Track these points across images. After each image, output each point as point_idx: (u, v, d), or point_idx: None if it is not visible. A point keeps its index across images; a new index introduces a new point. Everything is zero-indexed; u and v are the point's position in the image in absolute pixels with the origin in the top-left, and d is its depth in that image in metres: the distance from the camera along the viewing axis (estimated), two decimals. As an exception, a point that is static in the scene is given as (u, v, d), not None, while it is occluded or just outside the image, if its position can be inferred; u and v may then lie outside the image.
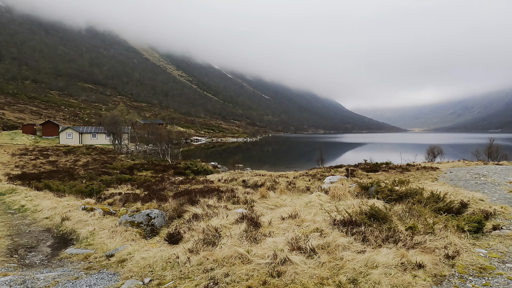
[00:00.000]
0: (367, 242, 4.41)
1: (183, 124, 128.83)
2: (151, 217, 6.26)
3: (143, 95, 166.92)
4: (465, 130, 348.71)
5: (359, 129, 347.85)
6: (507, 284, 3.39)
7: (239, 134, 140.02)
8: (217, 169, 26.40)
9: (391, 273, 3.54)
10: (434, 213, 6.00)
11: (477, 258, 4.07)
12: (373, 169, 16.27)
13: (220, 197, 8.75)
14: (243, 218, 5.50)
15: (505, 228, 5.45)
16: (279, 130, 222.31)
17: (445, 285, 3.41)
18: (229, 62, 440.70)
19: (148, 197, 10.15)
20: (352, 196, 8.36)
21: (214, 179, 16.09)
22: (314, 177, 15.07)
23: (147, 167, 22.94)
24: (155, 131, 50.31)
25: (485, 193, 8.90)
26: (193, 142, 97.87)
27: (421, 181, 11.84)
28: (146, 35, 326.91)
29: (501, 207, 6.89)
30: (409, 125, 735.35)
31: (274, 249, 4.18)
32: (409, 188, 8.29)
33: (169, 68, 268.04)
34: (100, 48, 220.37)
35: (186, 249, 4.48)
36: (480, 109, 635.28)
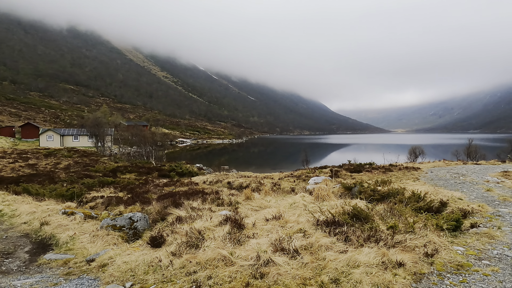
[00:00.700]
0: (349, 242, 4.47)
1: (168, 125, 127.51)
2: (133, 220, 6.16)
3: (127, 97, 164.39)
4: (446, 131, 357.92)
5: (344, 130, 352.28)
6: (482, 280, 3.49)
7: (224, 135, 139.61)
8: (202, 171, 26.23)
9: (372, 272, 3.59)
10: (415, 212, 6.13)
11: (455, 256, 4.17)
12: (357, 170, 16.49)
13: (204, 199, 8.69)
14: (227, 220, 5.48)
15: (482, 226, 5.61)
16: (265, 131, 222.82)
17: (424, 283, 3.48)
18: (215, 63, 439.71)
19: (131, 200, 9.98)
20: (335, 197, 8.45)
21: (199, 181, 15.98)
22: (299, 178, 15.16)
23: (130, 170, 22.60)
24: (139, 133, 49.66)
25: (463, 192, 9.15)
26: (178, 144, 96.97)
27: (403, 181, 12.08)
28: (129, 36, 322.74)
29: (479, 205, 7.10)
30: (392, 126, 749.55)
31: (258, 250, 4.18)
32: (391, 188, 8.44)
33: (154, 69, 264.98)
34: (82, 49, 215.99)
35: (169, 252, 4.43)
36: (460, 110, 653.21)
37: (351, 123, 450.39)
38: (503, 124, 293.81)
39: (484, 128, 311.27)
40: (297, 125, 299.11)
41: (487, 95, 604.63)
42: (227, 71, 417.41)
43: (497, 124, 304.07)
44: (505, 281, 3.46)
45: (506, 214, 6.39)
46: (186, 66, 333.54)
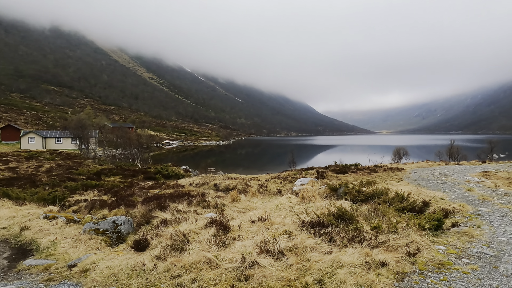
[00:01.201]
0: (334, 242, 4.51)
1: (154, 127, 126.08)
2: (117, 224, 6.06)
3: (112, 98, 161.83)
4: (429, 132, 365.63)
5: (330, 131, 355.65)
6: (462, 279, 3.58)
7: (211, 137, 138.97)
8: (189, 173, 26.03)
9: (356, 272, 3.63)
10: (398, 212, 6.23)
11: (436, 255, 4.26)
12: (343, 171, 16.66)
13: (190, 202, 8.62)
14: (213, 223, 5.45)
15: (462, 225, 5.75)
16: (252, 133, 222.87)
17: (406, 282, 3.54)
18: (201, 64, 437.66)
19: (116, 203, 9.82)
20: (321, 198, 8.51)
21: (185, 184, 15.85)
22: (285, 179, 15.21)
23: (115, 172, 22.23)
24: (125, 135, 48.95)
25: (445, 192, 9.35)
26: (165, 146, 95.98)
27: (387, 182, 12.27)
28: (114, 36, 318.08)
29: (460, 205, 7.27)
30: (377, 127, 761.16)
31: (243, 252, 4.18)
32: (375, 189, 8.56)
33: (139, 70, 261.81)
34: (65, 49, 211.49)
35: (153, 256, 4.38)
36: (442, 112, 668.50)
37: (337, 125, 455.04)
38: (483, 125, 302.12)
39: (465, 129, 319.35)
40: (284, 127, 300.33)
41: (468, 97, 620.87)
42: (214, 72, 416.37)
43: (478, 125, 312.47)
44: (483, 279, 3.56)
45: (485, 213, 6.57)
46: (172, 68, 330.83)
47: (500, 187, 10.27)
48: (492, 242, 4.81)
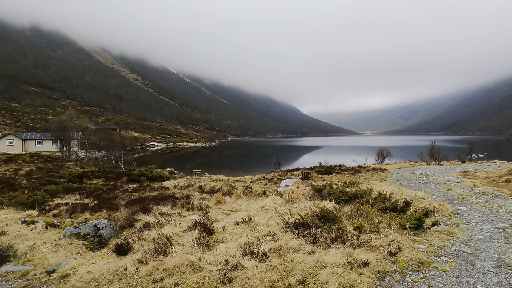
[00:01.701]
0: (317, 243, 4.54)
1: (139, 129, 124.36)
2: (98, 228, 5.94)
3: (95, 99, 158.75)
4: (412, 133, 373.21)
5: (316, 132, 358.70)
6: (441, 276, 3.66)
7: (197, 139, 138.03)
8: (174, 175, 25.78)
9: (338, 272, 3.67)
10: (381, 212, 6.33)
11: (417, 253, 4.35)
12: (327, 172, 16.82)
13: (174, 204, 8.54)
14: (196, 225, 5.41)
15: (442, 224, 5.89)
16: (238, 134, 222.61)
17: (387, 280, 3.60)
18: (186, 65, 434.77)
19: (98, 207, 9.63)
20: (306, 199, 8.57)
21: (170, 186, 15.70)
22: (271, 180, 15.25)
23: (98, 175, 21.80)
24: (108, 136, 48.08)
25: (426, 191, 9.57)
26: (149, 148, 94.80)
27: (371, 182, 12.46)
28: (97, 36, 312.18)
29: (440, 204, 7.45)
30: (362, 128, 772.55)
31: (226, 255, 4.16)
32: (359, 189, 8.67)
33: (123, 71, 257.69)
34: (46, 49, 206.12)
35: (135, 260, 4.31)
36: (424, 113, 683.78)
37: (322, 126, 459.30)
38: (463, 126, 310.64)
39: (446, 130, 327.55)
40: (270, 128, 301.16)
41: (449, 99, 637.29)
42: (199, 73, 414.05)
43: (458, 126, 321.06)
44: (461, 276, 3.65)
45: (464, 212, 6.75)
46: (157, 68, 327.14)
47: (478, 186, 10.57)
48: (470, 240, 4.95)
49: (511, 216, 6.30)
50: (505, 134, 69.99)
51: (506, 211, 6.73)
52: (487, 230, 5.44)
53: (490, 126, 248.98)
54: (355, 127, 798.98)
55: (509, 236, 5.07)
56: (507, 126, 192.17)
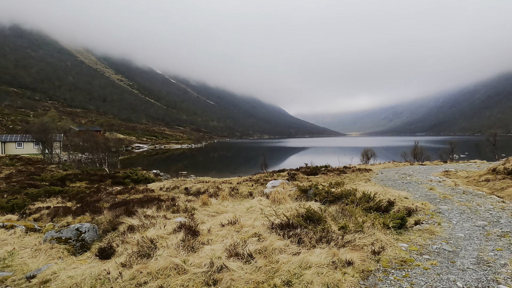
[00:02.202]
0: (302, 243, 4.57)
1: (123, 130, 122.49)
2: (81, 231, 5.82)
3: (78, 100, 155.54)
4: (396, 134, 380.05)
5: (302, 133, 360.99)
6: (423, 274, 3.74)
7: (183, 140, 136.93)
8: (159, 177, 25.49)
9: (323, 272, 3.70)
10: (365, 212, 6.41)
11: (400, 252, 4.43)
12: (313, 172, 16.95)
13: (159, 206, 8.44)
14: (181, 227, 5.37)
15: (424, 222, 6.01)
16: (225, 135, 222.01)
17: (371, 279, 3.65)
18: (172, 66, 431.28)
19: (81, 210, 9.43)
20: (292, 200, 8.61)
21: (155, 188, 15.51)
22: (257, 182, 15.26)
23: (81, 178, 21.35)
24: (91, 138, 47.20)
25: (409, 191, 9.75)
26: (135, 150, 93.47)
27: (356, 182, 12.62)
28: (80, 36, 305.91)
29: (422, 203, 7.60)
30: (347, 129, 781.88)
31: (212, 257, 4.14)
32: (344, 190, 8.77)
33: (107, 72, 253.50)
34: (27, 49, 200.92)
35: (118, 264, 4.24)
36: (408, 114, 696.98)
37: (309, 127, 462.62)
38: (445, 127, 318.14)
39: (429, 130, 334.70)
40: (257, 129, 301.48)
41: (431, 101, 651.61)
42: (185, 74, 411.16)
43: (440, 127, 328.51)
44: (442, 273, 3.73)
45: (445, 211, 6.91)
46: (142, 69, 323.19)
47: (459, 185, 10.85)
48: (451, 238, 5.07)
49: (490, 214, 6.49)
50: (485, 135, 72.10)
51: (485, 209, 6.92)
52: (467, 228, 5.59)
53: (470, 127, 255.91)
54: (341, 128, 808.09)
55: (487, 233, 5.22)
56: (486, 127, 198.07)
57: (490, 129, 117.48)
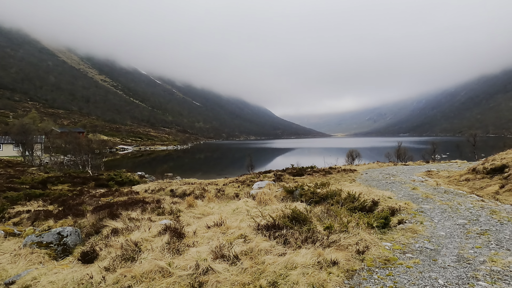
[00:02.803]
0: (288, 244, 4.59)
1: (107, 132, 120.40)
2: (62, 235, 5.68)
3: (60, 101, 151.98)
4: (380, 134, 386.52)
5: (288, 135, 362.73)
6: (405, 272, 3.81)
7: (169, 141, 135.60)
8: (145, 179, 25.17)
9: (308, 272, 3.72)
10: (350, 212, 6.49)
11: (383, 251, 4.50)
12: (299, 173, 17.05)
13: (144, 209, 8.32)
14: (167, 230, 5.31)
15: (407, 222, 6.13)
16: (211, 137, 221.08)
17: (355, 279, 3.70)
18: (157, 67, 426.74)
19: (63, 214, 9.22)
20: (278, 200, 8.63)
21: (140, 190, 15.31)
22: (243, 183, 15.25)
23: (63, 180, 20.86)
24: (74, 140, 46.25)
25: (393, 191, 9.93)
26: (119, 151, 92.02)
27: (341, 183, 12.76)
28: (62, 36, 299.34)
29: (405, 203, 7.75)
30: (333, 130, 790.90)
31: (197, 259, 4.11)
32: (329, 190, 8.85)
33: (91, 72, 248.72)
34: (6, 48, 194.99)
35: (101, 268, 4.16)
36: (391, 116, 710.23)
37: (295, 128, 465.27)
38: (427, 128, 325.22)
39: (412, 131, 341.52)
40: (243, 130, 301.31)
41: (414, 102, 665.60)
42: (170, 75, 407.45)
43: (422, 128, 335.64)
44: (424, 271, 3.81)
45: (427, 210, 7.06)
46: (126, 70, 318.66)
47: (441, 185, 11.11)
48: (433, 236, 5.18)
49: (470, 213, 6.67)
50: (465, 135, 74.14)
51: (465, 208, 7.11)
52: (448, 226, 5.73)
53: (451, 128, 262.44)
54: (327, 129, 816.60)
55: (468, 232, 5.36)
56: (466, 128, 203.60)
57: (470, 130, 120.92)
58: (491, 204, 7.58)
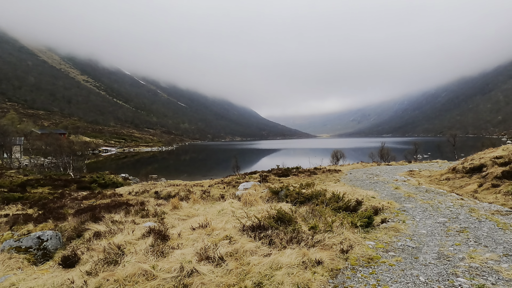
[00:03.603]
0: (273, 245, 4.60)
1: (90, 133, 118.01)
2: (42, 239, 5.53)
3: (40, 102, 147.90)
4: (364, 135, 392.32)
5: (274, 135, 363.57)
6: (388, 270, 3.88)
7: (153, 143, 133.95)
8: (128, 181, 24.76)
9: (293, 272, 3.74)
10: (334, 212, 6.57)
11: (367, 250, 4.57)
12: (285, 174, 17.13)
13: (128, 211, 8.20)
14: (151, 232, 5.24)
15: (390, 220, 6.25)
16: (196, 138, 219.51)
17: (339, 278, 3.74)
18: (141, 67, 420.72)
19: (43, 217, 8.97)
20: (263, 201, 8.65)
21: (124, 192, 15.06)
22: (229, 184, 15.21)
23: (44, 183, 20.29)
24: (55, 142, 45.12)
25: (376, 191, 10.10)
26: (102, 153, 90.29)
27: (326, 183, 12.88)
28: (42, 35, 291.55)
29: (388, 202, 7.89)
30: (318, 131, 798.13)
31: (182, 261, 4.07)
32: (314, 190, 8.94)
33: (72, 72, 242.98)
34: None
35: (83, 272, 4.07)
36: (375, 117, 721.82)
37: (280, 129, 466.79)
38: (409, 128, 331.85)
39: (395, 132, 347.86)
40: (229, 131, 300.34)
41: (397, 103, 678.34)
42: (155, 76, 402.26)
43: (405, 129, 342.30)
44: (406, 269, 3.89)
45: (409, 209, 7.21)
46: (109, 70, 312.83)
47: (422, 184, 11.36)
48: (414, 235, 5.30)
49: (450, 211, 6.84)
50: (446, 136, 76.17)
51: (445, 206, 7.30)
52: (429, 225, 5.86)
53: (433, 128, 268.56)
54: (312, 130, 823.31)
55: (448, 229, 5.50)
56: (447, 128, 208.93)
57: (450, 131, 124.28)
58: (470, 202, 7.81)
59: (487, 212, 6.64)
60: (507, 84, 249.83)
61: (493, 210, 6.78)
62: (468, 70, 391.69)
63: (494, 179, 9.99)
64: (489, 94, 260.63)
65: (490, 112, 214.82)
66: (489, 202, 8.18)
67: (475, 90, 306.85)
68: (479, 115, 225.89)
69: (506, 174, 9.83)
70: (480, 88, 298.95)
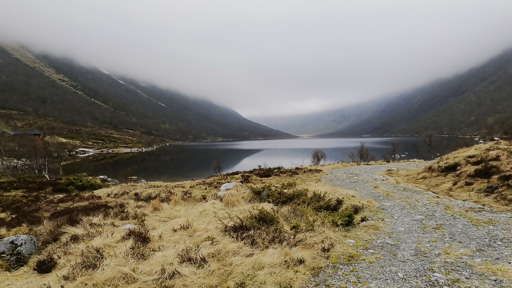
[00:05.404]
0: (255, 245, 4.61)
1: (66, 134, 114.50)
2: (16, 244, 5.32)
3: (13, 102, 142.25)
4: (344, 135, 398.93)
5: (256, 136, 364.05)
6: (368, 268, 3.96)
7: (133, 144, 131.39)
8: (107, 183, 24.19)
9: (276, 271, 3.76)
10: (316, 211, 6.64)
11: (347, 248, 4.65)
12: (267, 174, 17.19)
13: (107, 214, 8.00)
14: (131, 234, 5.14)
15: (369, 219, 6.38)
16: (177, 138, 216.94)
17: (321, 276, 3.79)
18: (120, 66, 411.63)
19: (16, 221, 8.64)
20: (245, 202, 8.64)
21: (102, 194, 14.71)
22: (210, 185, 15.11)
23: (17, 186, 19.55)
24: (29, 143, 43.54)
25: (356, 190, 10.29)
26: (79, 154, 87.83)
27: (307, 183, 13.02)
28: (14, 32, 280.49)
29: (368, 201, 8.05)
30: (299, 131, 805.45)
31: (163, 263, 4.01)
32: (296, 190, 9.00)
33: (47, 71, 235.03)
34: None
35: (60, 277, 3.95)
36: (354, 117, 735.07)
37: (262, 130, 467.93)
38: (388, 129, 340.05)
39: (374, 132, 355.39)
40: (210, 132, 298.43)
41: (375, 104, 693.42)
42: (134, 75, 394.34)
43: (383, 129, 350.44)
44: (385, 266, 3.99)
45: (388, 207, 7.39)
46: (86, 69, 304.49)
47: (400, 183, 11.67)
48: (393, 232, 5.43)
49: (426, 209, 7.06)
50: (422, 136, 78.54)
51: (422, 204, 7.52)
52: (407, 222, 6.03)
53: (410, 129, 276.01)
54: (293, 130, 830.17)
55: (424, 226, 5.67)
56: (423, 129, 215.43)
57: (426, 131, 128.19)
58: (445, 200, 8.08)
59: (461, 209, 6.89)
60: (479, 86, 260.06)
61: (467, 207, 7.04)
62: (443, 73, 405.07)
63: (468, 177, 10.37)
64: (463, 95, 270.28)
65: (464, 113, 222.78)
66: (463, 199, 8.48)
67: (450, 91, 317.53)
68: (453, 116, 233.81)
69: (479, 173, 10.22)
70: (454, 90, 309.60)
